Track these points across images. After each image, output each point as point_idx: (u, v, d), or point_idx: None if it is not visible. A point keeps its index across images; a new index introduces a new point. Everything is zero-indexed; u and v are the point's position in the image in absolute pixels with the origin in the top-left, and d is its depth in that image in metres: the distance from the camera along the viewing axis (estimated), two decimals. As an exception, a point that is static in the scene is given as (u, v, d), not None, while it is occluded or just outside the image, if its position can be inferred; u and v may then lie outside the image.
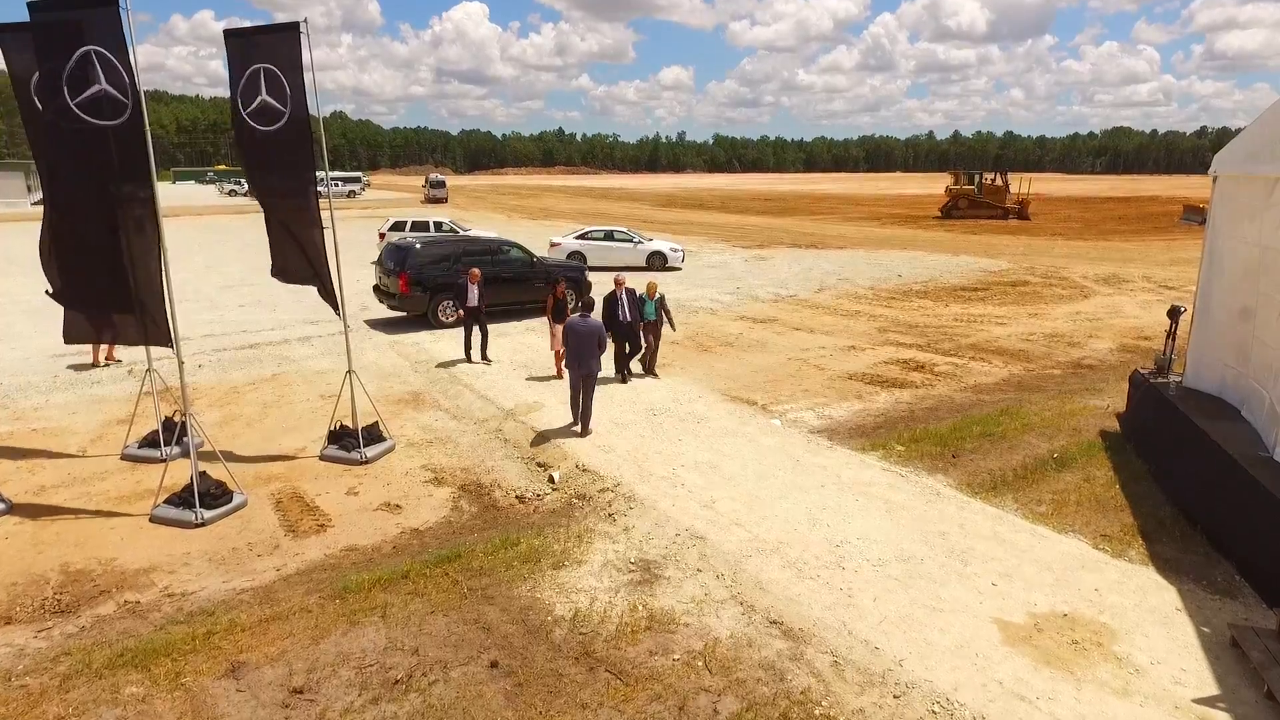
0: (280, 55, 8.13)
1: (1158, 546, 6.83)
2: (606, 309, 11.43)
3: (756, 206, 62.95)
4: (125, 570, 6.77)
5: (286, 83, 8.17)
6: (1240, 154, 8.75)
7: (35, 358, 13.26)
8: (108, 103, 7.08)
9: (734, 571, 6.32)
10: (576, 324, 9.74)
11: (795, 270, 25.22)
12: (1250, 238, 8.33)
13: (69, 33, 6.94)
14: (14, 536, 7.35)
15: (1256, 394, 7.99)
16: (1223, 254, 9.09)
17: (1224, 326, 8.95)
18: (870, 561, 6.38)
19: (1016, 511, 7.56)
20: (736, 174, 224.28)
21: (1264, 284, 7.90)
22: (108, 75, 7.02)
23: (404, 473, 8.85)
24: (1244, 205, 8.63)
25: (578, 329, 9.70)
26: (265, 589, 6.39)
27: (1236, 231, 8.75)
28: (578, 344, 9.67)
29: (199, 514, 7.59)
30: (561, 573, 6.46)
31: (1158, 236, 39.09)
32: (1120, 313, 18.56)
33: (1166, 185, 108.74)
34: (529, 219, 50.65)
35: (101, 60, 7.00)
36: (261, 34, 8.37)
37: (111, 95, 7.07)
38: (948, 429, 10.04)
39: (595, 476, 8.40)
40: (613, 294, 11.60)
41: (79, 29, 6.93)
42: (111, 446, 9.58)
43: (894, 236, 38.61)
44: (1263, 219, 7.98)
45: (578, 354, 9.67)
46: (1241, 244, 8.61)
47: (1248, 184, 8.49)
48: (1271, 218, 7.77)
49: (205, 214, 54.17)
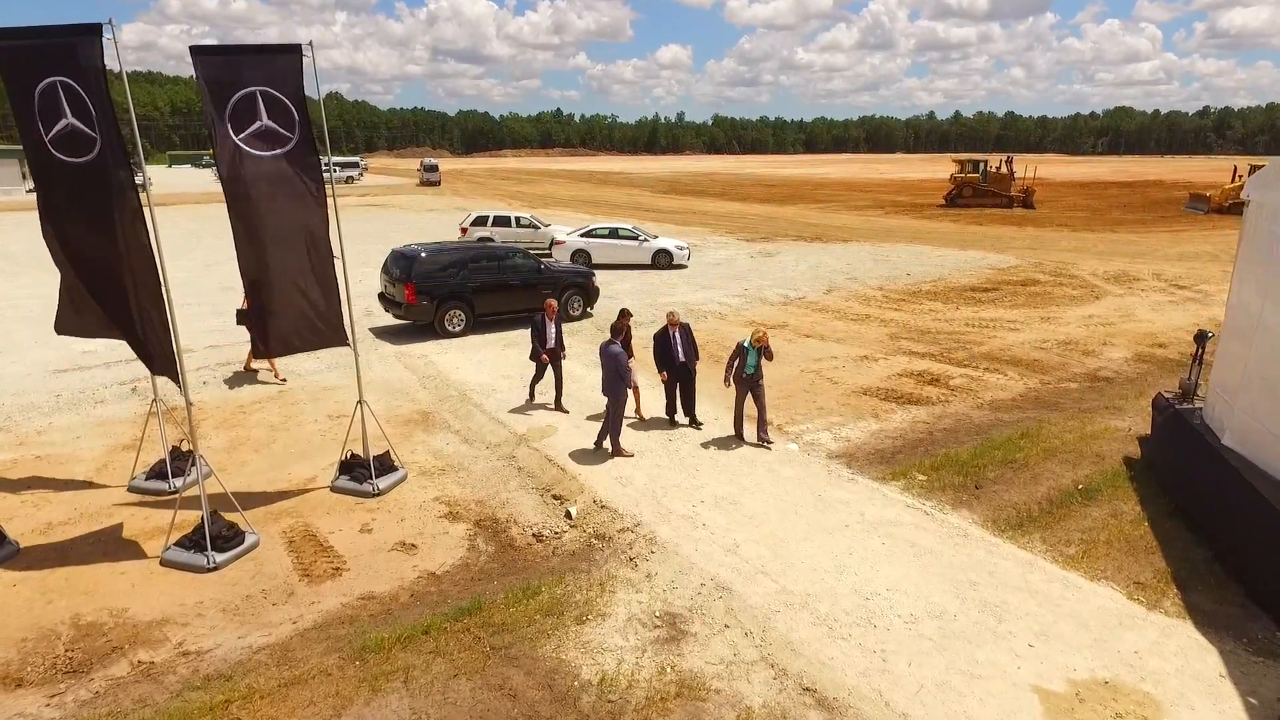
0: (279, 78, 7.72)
1: (1193, 596, 6.69)
2: (658, 348, 10.45)
3: (758, 194, 62.43)
4: (137, 623, 6.61)
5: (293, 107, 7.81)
6: (1273, 178, 8.48)
7: (36, 373, 13.04)
8: (77, 139, 6.69)
9: (763, 629, 6.17)
10: (601, 349, 9.81)
11: (802, 268, 24.95)
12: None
13: (40, 59, 6.53)
14: (22, 584, 7.18)
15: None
16: (1249, 283, 8.86)
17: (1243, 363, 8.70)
18: (902, 618, 6.23)
19: (1046, 554, 7.42)
20: (736, 155, 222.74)
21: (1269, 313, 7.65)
22: (74, 109, 6.57)
23: (418, 506, 8.68)
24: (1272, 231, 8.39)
25: (601, 353, 9.80)
26: (282, 646, 6.23)
27: (1263, 256, 8.52)
28: (602, 368, 9.74)
29: (210, 558, 7.43)
30: (586, 628, 6.31)
31: (1164, 227, 38.77)
32: (1133, 316, 18.35)
33: (1169, 168, 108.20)
34: (528, 208, 50.19)
35: (68, 92, 6.55)
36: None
37: (80, 130, 6.64)
38: (968, 455, 9.88)
39: (614, 514, 8.23)
40: (664, 331, 10.42)
41: (50, 56, 6.52)
42: (118, 475, 9.40)
43: (899, 228, 38.27)
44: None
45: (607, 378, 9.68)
46: (1265, 268, 8.38)
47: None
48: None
49: (202, 202, 53.59)
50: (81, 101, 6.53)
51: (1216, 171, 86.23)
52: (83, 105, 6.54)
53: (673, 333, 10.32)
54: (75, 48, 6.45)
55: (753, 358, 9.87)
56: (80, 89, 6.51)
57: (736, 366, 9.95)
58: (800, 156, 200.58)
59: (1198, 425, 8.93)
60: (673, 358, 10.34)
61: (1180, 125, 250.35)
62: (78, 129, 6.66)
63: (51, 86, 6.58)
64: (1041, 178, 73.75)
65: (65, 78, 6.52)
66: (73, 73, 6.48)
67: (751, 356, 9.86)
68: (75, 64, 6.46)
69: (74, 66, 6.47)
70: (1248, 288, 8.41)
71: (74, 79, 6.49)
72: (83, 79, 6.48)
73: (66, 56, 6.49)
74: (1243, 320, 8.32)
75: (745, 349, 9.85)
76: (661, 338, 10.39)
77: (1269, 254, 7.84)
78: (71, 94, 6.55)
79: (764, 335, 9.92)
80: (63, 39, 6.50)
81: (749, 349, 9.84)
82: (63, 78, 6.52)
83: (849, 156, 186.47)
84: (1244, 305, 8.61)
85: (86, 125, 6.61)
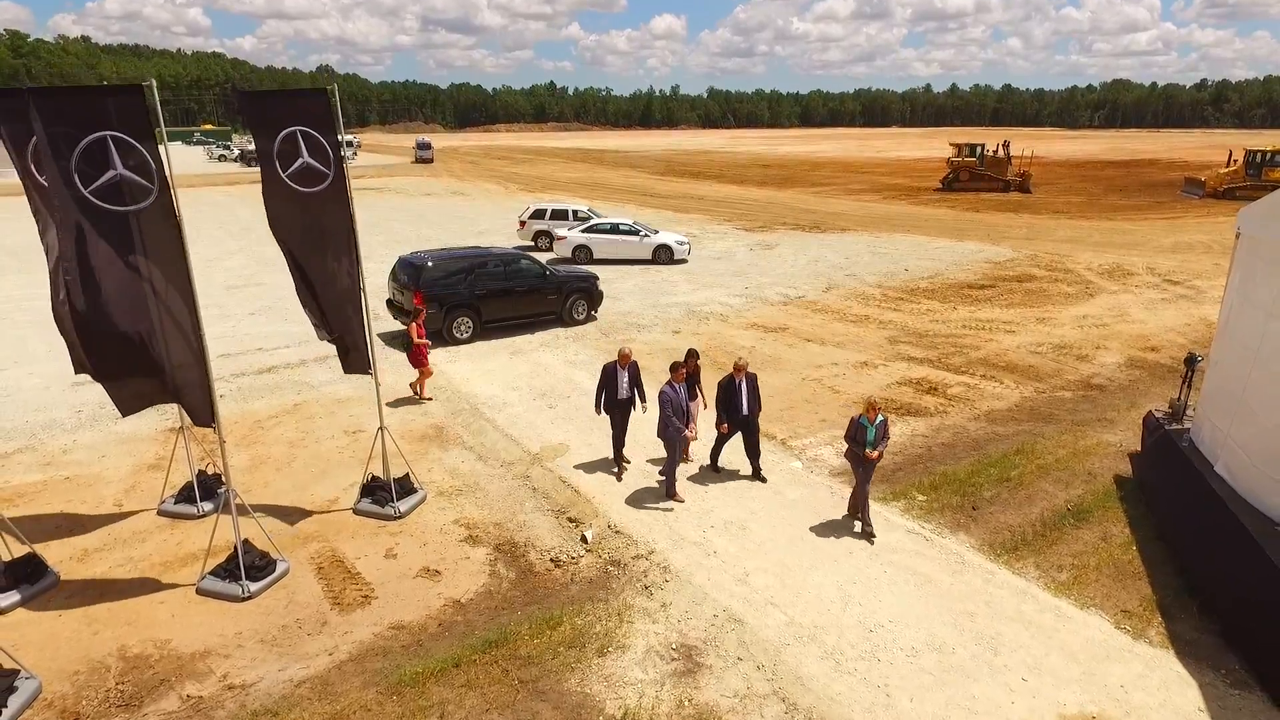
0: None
1: (1176, 625, 7.12)
2: (722, 395, 9.74)
3: (755, 175, 62.37)
4: (181, 654, 6.98)
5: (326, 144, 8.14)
6: (1263, 215, 8.76)
7: (54, 386, 13.30)
8: (127, 187, 6.99)
9: (774, 662, 6.57)
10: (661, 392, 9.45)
11: (801, 263, 25.21)
12: (1259, 301, 8.44)
13: (91, 113, 6.75)
14: (67, 615, 7.54)
15: (1241, 461, 8.13)
16: (1239, 312, 9.18)
17: (1232, 389, 9.04)
18: (904, 651, 6.64)
19: (1039, 580, 7.83)
20: (731, 130, 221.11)
21: (1263, 350, 7.98)
22: (125, 160, 6.88)
23: (439, 530, 9.05)
24: (1260, 268, 8.70)
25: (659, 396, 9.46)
26: (322, 679, 6.61)
27: (1249, 291, 8.84)
28: (660, 409, 9.38)
29: (245, 587, 7.79)
30: (607, 660, 6.71)
31: (1160, 213, 39.05)
32: (1126, 316, 18.72)
33: (1165, 145, 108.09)
34: (525, 191, 50.14)
35: (119, 144, 6.85)
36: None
37: (131, 180, 6.95)
38: (965, 473, 10.28)
39: (628, 540, 8.61)
40: (730, 380, 9.69)
41: (101, 110, 6.75)
42: (146, 498, 9.72)
43: (896, 215, 38.45)
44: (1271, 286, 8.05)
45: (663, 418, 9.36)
46: (1250, 305, 8.72)
47: (1266, 247, 8.54)
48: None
49: (197, 185, 53.35)
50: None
51: (1213, 149, 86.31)
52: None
53: (739, 381, 9.65)
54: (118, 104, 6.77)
55: (872, 433, 8.52)
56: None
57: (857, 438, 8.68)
58: (796, 131, 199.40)
59: (1185, 448, 9.33)
60: (737, 407, 9.69)
61: (1177, 98, 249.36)
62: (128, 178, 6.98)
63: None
64: (1039, 156, 73.72)
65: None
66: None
67: (871, 433, 8.51)
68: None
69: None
70: (1243, 324, 8.74)
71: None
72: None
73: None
74: (1237, 353, 8.64)
75: (860, 423, 8.60)
76: (727, 385, 9.69)
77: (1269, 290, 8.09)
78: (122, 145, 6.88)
79: (875, 405, 8.61)
80: (106, 96, 6.80)
81: (865, 424, 8.55)
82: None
83: (845, 131, 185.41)
84: (1236, 337, 8.96)
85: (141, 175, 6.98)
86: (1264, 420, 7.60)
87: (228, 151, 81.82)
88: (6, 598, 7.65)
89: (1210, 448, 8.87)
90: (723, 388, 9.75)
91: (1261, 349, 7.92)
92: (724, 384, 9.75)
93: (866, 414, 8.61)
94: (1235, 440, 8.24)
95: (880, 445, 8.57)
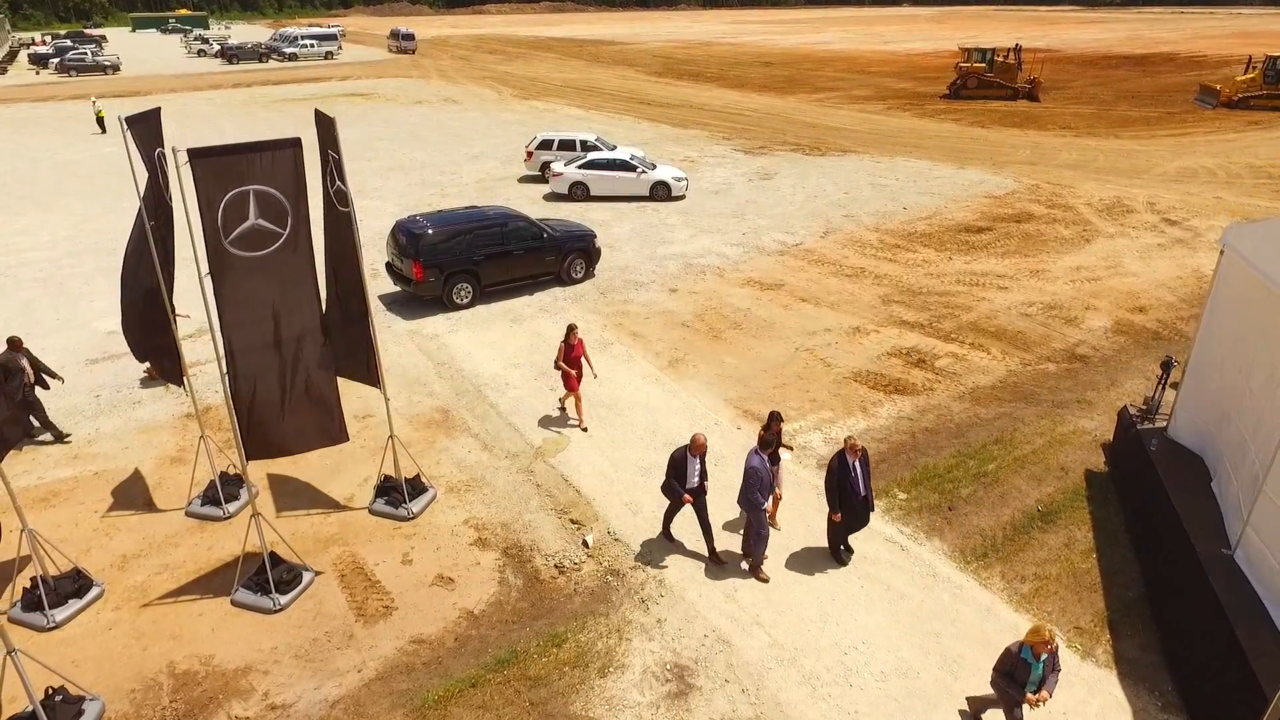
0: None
1: (1122, 643, 7.90)
2: (833, 478, 8.54)
3: (757, 76, 60.09)
4: (225, 671, 7.76)
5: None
6: (1258, 239, 8.85)
7: (70, 365, 13.67)
8: (260, 235, 7.94)
9: (757, 686, 7.36)
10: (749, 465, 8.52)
11: (800, 199, 24.98)
12: (1242, 316, 8.78)
13: (233, 171, 7.67)
14: (116, 627, 8.29)
15: (1226, 473, 8.75)
16: (1219, 320, 9.50)
17: (1210, 393, 9.52)
18: (874, 676, 7.42)
19: (1003, 593, 8.57)
20: (733, 9, 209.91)
21: (1249, 365, 8.40)
22: (263, 210, 7.85)
23: (450, 532, 9.72)
24: (1239, 288, 8.97)
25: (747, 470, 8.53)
26: (354, 700, 7.41)
27: (1231, 306, 9.15)
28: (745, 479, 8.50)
29: (275, 600, 8.52)
30: (608, 681, 7.50)
31: (1170, 128, 38.17)
32: (1120, 268, 18.89)
33: (1188, 31, 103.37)
34: (519, 98, 48.58)
35: (259, 196, 7.81)
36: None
37: (264, 228, 7.94)
38: (945, 466, 10.90)
39: (626, 548, 9.30)
40: (841, 459, 8.50)
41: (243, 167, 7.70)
42: (172, 497, 10.34)
43: (900, 132, 37.56)
44: (1255, 311, 8.37)
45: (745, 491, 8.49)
46: (1233, 319, 9.05)
47: (1246, 272, 8.77)
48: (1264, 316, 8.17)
49: (179, 90, 51.55)
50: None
51: (1237, 39, 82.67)
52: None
53: (852, 462, 8.45)
54: None
55: (1038, 670, 6.35)
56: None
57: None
58: (801, 12, 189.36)
59: (1153, 452, 9.88)
60: (854, 491, 8.48)
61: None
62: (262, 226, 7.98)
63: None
64: (1052, 50, 70.89)
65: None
66: None
67: (1037, 670, 6.34)
68: None
69: None
70: (1218, 345, 9.12)
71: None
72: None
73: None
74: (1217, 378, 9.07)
75: (1024, 661, 6.36)
76: (839, 467, 8.46)
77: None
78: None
79: (1046, 636, 6.31)
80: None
81: (1028, 659, 6.34)
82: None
83: (852, 12, 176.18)
84: (1211, 351, 9.36)
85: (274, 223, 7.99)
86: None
87: (207, 46, 78.08)
88: (60, 612, 8.38)
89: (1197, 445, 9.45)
90: (834, 469, 8.50)
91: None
92: (834, 464, 8.52)
93: (1031, 645, 6.29)
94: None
95: (1050, 682, 6.40)
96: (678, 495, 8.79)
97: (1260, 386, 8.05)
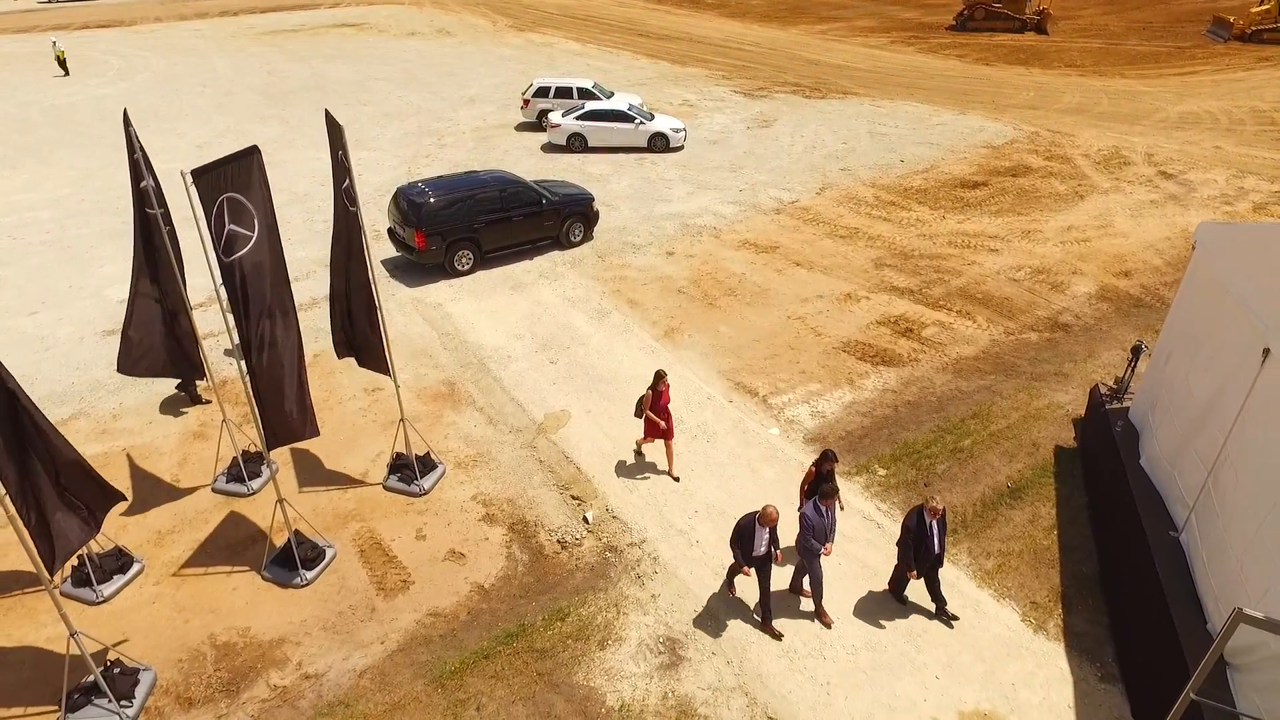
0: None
1: (1072, 617, 8.72)
2: (908, 536, 8.38)
3: (759, 4, 58.25)
4: (261, 642, 8.59)
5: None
6: (1222, 243, 9.21)
7: (88, 337, 14.17)
8: (236, 240, 8.22)
9: (740, 659, 8.21)
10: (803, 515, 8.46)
11: (798, 150, 24.94)
12: (1201, 315, 9.26)
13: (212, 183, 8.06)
14: (158, 601, 9.10)
15: (1173, 460, 9.37)
16: (1182, 314, 9.96)
17: (1162, 383, 9.99)
18: (846, 650, 8.26)
19: (969, 569, 9.36)
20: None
21: (1198, 364, 8.91)
22: (234, 217, 8.16)
23: (460, 508, 10.46)
24: (1203, 287, 9.39)
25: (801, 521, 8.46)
26: (379, 670, 8.26)
27: (1194, 303, 9.60)
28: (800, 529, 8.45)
29: (303, 576, 9.31)
30: (607, 654, 8.34)
31: (1178, 65, 37.50)
32: (1110, 228, 19.17)
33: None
34: (515, 30, 47.36)
35: (231, 204, 8.14)
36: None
37: (238, 233, 8.19)
38: (924, 441, 11.57)
39: (623, 526, 10.04)
40: (919, 517, 8.33)
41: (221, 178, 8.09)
42: (198, 473, 11.03)
43: (903, 70, 36.92)
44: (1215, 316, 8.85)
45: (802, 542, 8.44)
46: (1193, 316, 9.52)
47: (1210, 273, 9.17)
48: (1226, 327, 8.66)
49: (165, 20, 50.10)
50: None
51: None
52: None
53: (930, 522, 8.35)
54: None
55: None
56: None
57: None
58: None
59: (1118, 433, 10.51)
60: (929, 549, 8.40)
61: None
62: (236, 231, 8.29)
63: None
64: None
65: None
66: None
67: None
68: None
69: None
70: (1177, 337, 9.63)
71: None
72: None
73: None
74: (1170, 365, 9.62)
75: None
76: (916, 527, 8.35)
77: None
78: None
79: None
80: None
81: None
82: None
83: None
84: (1171, 343, 9.88)
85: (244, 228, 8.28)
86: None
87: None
88: (107, 587, 9.19)
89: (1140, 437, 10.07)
90: (910, 529, 8.40)
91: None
92: (911, 525, 8.40)
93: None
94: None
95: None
96: (740, 564, 8.39)
97: (1202, 387, 8.58)
